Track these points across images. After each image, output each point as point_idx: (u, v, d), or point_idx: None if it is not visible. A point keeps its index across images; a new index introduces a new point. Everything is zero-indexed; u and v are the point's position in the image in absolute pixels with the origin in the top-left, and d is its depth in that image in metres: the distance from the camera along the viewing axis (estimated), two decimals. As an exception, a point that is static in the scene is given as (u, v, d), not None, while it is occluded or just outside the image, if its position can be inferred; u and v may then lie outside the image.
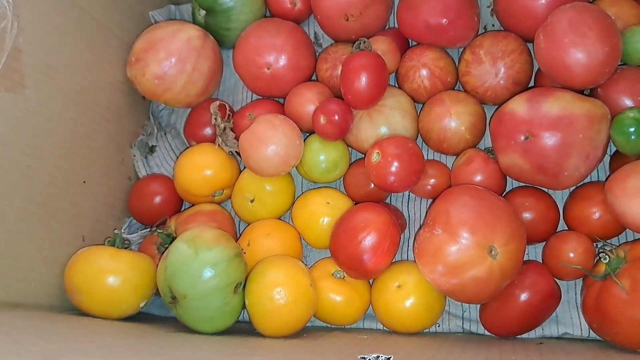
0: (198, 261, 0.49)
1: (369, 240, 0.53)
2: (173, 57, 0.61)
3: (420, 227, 0.54)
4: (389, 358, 0.43)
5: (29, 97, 0.52)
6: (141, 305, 0.54)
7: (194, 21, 0.68)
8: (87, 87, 0.60)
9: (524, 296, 0.51)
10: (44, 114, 0.54)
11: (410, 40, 0.65)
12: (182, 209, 0.66)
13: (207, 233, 0.52)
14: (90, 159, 0.60)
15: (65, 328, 0.48)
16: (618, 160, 0.54)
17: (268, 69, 0.62)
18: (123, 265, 0.53)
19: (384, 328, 0.57)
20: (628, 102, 0.52)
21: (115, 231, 0.57)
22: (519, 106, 0.52)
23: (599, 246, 0.52)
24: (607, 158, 0.57)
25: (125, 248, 0.57)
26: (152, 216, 0.63)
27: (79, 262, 0.53)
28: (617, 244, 0.53)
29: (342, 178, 0.62)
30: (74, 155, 0.57)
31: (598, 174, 0.57)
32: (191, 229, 0.53)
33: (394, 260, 0.57)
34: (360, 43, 0.57)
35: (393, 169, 0.54)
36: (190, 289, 0.49)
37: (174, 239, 0.58)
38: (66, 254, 0.55)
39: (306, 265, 0.57)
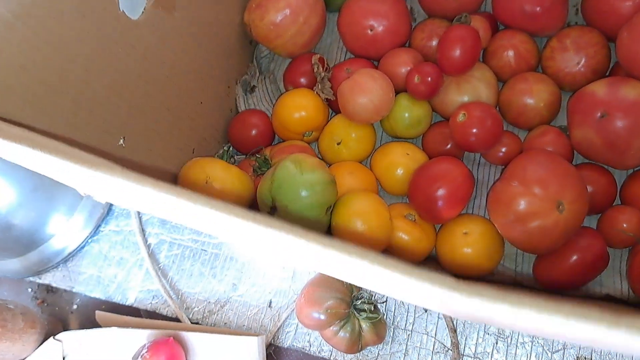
0: (303, 179, 0.57)
1: (446, 188, 0.60)
2: (289, 9, 0.69)
3: (494, 182, 0.61)
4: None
5: (175, 18, 0.60)
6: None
7: (307, -19, 0.76)
8: (213, 23, 0.68)
9: (577, 255, 0.58)
10: (182, 36, 0.62)
11: (498, 26, 0.72)
12: (274, 143, 0.74)
13: (310, 158, 0.60)
14: (206, 84, 0.68)
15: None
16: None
17: (371, 30, 0.70)
18: (231, 177, 0.61)
19: (444, 269, 0.64)
20: (696, 100, 0.58)
21: (225, 147, 0.65)
22: (600, 88, 0.58)
23: (650, 222, 0.58)
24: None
25: (231, 164, 0.65)
26: (248, 145, 0.71)
27: (192, 168, 0.61)
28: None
29: (421, 136, 0.70)
30: (197, 78, 0.66)
31: (657, 162, 0.63)
32: (297, 154, 0.61)
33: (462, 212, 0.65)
34: (461, 17, 0.65)
35: (475, 130, 0.62)
36: (292, 202, 0.57)
37: (269, 163, 0.65)
38: (179, 161, 0.63)
39: (382, 205, 0.64)
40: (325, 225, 0.60)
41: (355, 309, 0.62)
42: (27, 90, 0.44)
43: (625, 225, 0.58)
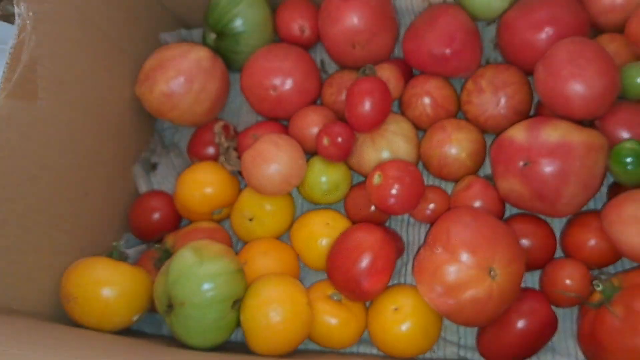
0: (202, 270, 0.49)
1: (363, 260, 0.53)
2: (182, 76, 0.63)
3: (420, 247, 0.54)
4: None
5: (40, 108, 0.53)
6: (134, 318, 0.54)
7: (205, 44, 0.70)
8: (97, 102, 0.61)
9: (521, 323, 0.51)
10: (53, 125, 0.55)
11: (414, 70, 0.66)
12: (181, 226, 0.66)
13: (213, 245, 0.52)
14: (94, 172, 0.60)
15: (55, 338, 0.47)
16: (616, 190, 0.55)
17: (274, 91, 0.64)
18: (119, 277, 0.53)
19: (379, 352, 0.57)
20: (625, 134, 0.53)
21: (114, 243, 0.57)
22: (518, 133, 0.53)
23: (594, 274, 0.52)
24: (605, 189, 0.57)
25: (123, 261, 0.57)
26: (150, 232, 0.63)
27: (75, 272, 0.53)
28: (614, 272, 0.53)
29: (342, 200, 0.63)
30: (79, 167, 0.58)
31: (595, 203, 0.58)
32: (198, 240, 0.53)
33: (391, 284, 0.58)
34: (365, 69, 0.59)
35: (394, 191, 0.55)
36: (190, 297, 0.49)
37: (171, 254, 0.58)
38: (64, 264, 0.55)
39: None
40: (231, 324, 0.52)
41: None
42: None
43: (568, 281, 0.52)
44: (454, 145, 0.58)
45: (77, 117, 0.58)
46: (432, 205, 0.59)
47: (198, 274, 0.50)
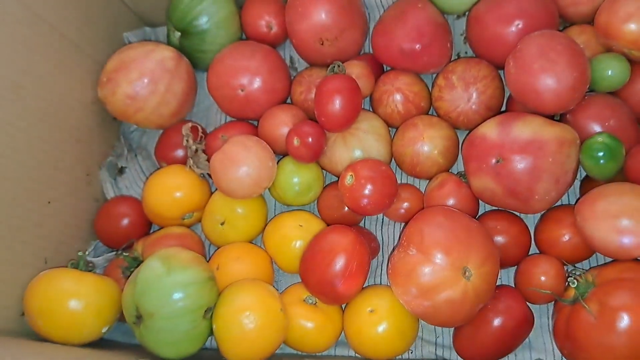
0: (171, 280, 0.48)
1: (336, 263, 0.52)
2: (145, 78, 0.61)
3: (394, 249, 0.54)
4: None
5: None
6: (104, 330, 0.52)
7: (169, 43, 0.67)
8: (56, 107, 0.59)
9: (497, 321, 0.51)
10: (9, 133, 0.52)
11: (385, 67, 0.65)
12: (151, 232, 0.64)
13: (182, 253, 0.51)
14: (56, 179, 0.58)
15: (20, 354, 0.45)
16: (588, 184, 0.55)
17: (242, 90, 0.62)
18: (86, 288, 0.51)
19: (356, 355, 0.56)
20: (597, 128, 0.53)
21: (79, 253, 0.55)
22: (490, 130, 0.52)
23: (568, 270, 0.52)
24: (577, 183, 0.57)
25: (90, 271, 0.55)
26: (118, 239, 0.61)
27: (39, 285, 0.51)
28: (588, 268, 0.53)
29: (315, 201, 0.62)
30: (40, 174, 0.56)
31: (569, 198, 0.57)
32: (166, 249, 0.52)
33: (366, 285, 0.57)
34: (334, 66, 0.58)
35: (366, 191, 0.54)
36: (158, 308, 0.47)
37: (140, 262, 0.56)
38: (27, 276, 0.52)
39: (277, 290, 0.56)
40: (203, 333, 0.51)
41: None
42: None
43: (542, 278, 0.51)
44: (426, 143, 0.57)
45: (35, 122, 0.55)
46: (405, 205, 0.58)
47: (166, 284, 0.48)
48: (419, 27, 0.58)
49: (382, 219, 0.62)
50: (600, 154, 0.50)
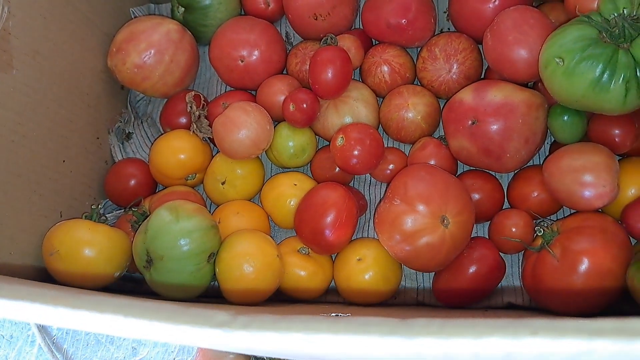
0: (178, 226, 0.53)
1: (328, 215, 0.57)
2: (153, 49, 0.66)
3: (380, 201, 0.59)
4: (347, 315, 0.47)
5: (15, 77, 0.55)
6: (115, 275, 0.57)
7: (173, 17, 0.72)
8: (70, 73, 0.63)
9: (472, 268, 0.56)
10: (28, 94, 0.57)
11: (373, 41, 0.70)
12: (156, 192, 0.69)
13: (188, 204, 0.56)
14: (70, 140, 0.63)
15: (40, 292, 0.50)
16: (555, 148, 0.60)
17: (242, 61, 0.67)
18: (99, 236, 0.56)
19: (345, 301, 0.62)
20: (563, 95, 0.58)
21: (92, 206, 0.60)
22: (467, 95, 0.58)
23: (536, 222, 0.57)
24: (547, 147, 0.63)
25: (102, 223, 0.60)
26: (127, 198, 0.66)
27: (58, 231, 0.56)
28: (554, 220, 0.59)
29: (309, 163, 0.67)
30: (55, 135, 0.61)
31: (539, 159, 0.63)
32: (173, 201, 0.57)
33: (355, 238, 0.62)
34: (327, 38, 0.63)
35: (355, 152, 0.59)
36: (167, 251, 0.53)
37: (147, 217, 0.61)
38: (44, 227, 0.58)
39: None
40: (207, 276, 0.56)
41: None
42: None
43: (513, 229, 0.57)
44: (411, 110, 0.62)
45: (52, 87, 0.60)
46: (391, 166, 0.64)
47: (175, 230, 0.54)
48: (405, 3, 0.63)
49: (370, 179, 0.67)
50: (566, 117, 0.56)
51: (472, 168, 0.63)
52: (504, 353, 0.22)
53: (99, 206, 0.63)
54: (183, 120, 0.69)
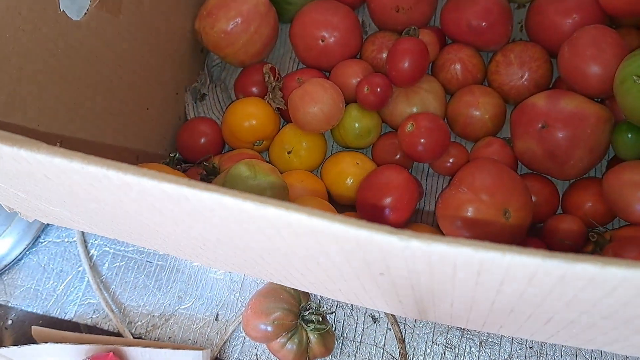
0: (256, 182, 0.56)
1: (390, 195, 0.60)
2: (241, 17, 0.69)
3: (443, 190, 0.62)
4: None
5: (121, 23, 0.59)
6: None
7: (259, -8, 0.75)
8: (163, 28, 0.67)
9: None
10: (129, 40, 0.60)
11: (447, 40, 0.73)
12: (224, 152, 0.73)
13: (263, 164, 0.59)
14: (154, 91, 0.66)
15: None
16: (615, 163, 0.63)
17: (322, 41, 0.70)
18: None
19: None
20: (630, 114, 0.61)
21: (171, 154, 0.64)
22: (540, 100, 0.60)
23: (590, 230, 0.60)
24: (603, 163, 0.65)
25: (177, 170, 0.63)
26: (197, 153, 0.69)
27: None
28: (607, 229, 0.61)
29: (371, 146, 0.70)
30: (144, 83, 0.64)
31: (596, 173, 0.66)
32: (250, 159, 0.60)
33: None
34: (410, 30, 0.66)
35: (423, 139, 0.62)
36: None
37: (217, 171, 0.64)
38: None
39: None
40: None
41: (303, 320, 0.60)
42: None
43: (566, 234, 0.60)
44: (480, 108, 0.65)
45: (147, 38, 0.64)
46: (452, 160, 0.67)
47: (252, 185, 0.56)
48: (488, 7, 0.66)
49: (428, 170, 0.70)
50: (630, 135, 0.59)
51: (531, 172, 0.65)
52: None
53: (176, 154, 0.66)
54: (255, 89, 0.72)
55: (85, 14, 0.53)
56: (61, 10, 0.50)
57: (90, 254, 0.75)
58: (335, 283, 0.37)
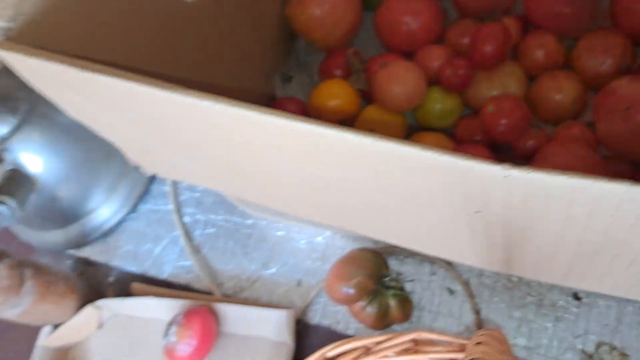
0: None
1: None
2: (329, 3, 0.74)
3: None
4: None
5: (224, 5, 0.65)
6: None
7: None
8: (259, 14, 0.73)
9: None
10: (230, 22, 0.66)
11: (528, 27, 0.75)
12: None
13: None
14: (247, 72, 0.73)
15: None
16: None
17: (406, 26, 0.74)
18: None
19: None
20: None
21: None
22: (623, 83, 0.61)
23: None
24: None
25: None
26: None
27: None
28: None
29: (451, 128, 0.73)
30: (237, 65, 0.70)
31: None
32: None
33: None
34: (494, 14, 0.69)
35: (504, 119, 0.65)
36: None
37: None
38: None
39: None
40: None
41: (383, 286, 0.64)
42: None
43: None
44: (564, 92, 0.67)
45: (244, 20, 0.69)
46: (532, 142, 0.68)
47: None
48: (573, -7, 0.68)
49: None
50: None
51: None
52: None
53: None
54: (339, 72, 0.77)
55: (198, -4, 0.59)
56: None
57: (184, 221, 0.82)
58: (430, 231, 0.40)
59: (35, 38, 0.41)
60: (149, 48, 0.53)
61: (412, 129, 0.76)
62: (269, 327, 0.69)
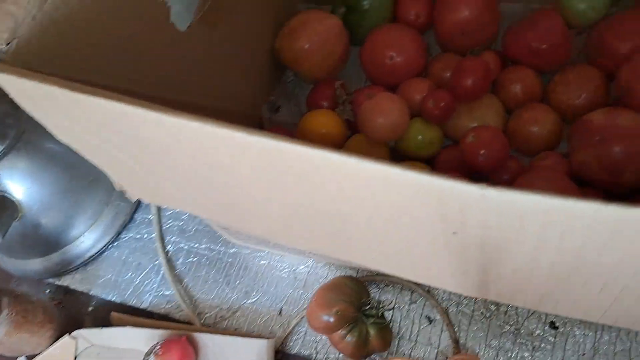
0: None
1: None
2: (318, 37, 0.76)
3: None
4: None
5: (215, 34, 0.67)
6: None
7: (333, 16, 0.83)
8: (249, 45, 0.75)
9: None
10: (221, 50, 0.68)
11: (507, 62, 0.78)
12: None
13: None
14: (235, 100, 0.74)
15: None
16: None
17: (391, 60, 0.76)
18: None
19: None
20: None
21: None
22: (598, 116, 0.64)
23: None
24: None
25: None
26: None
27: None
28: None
29: (432, 158, 0.75)
30: (227, 93, 0.72)
31: (653, 189, 0.68)
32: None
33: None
34: (474, 50, 0.71)
35: (484, 150, 0.66)
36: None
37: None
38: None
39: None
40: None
41: (363, 314, 0.64)
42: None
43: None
44: (540, 124, 0.69)
45: (236, 51, 0.71)
46: (509, 174, 0.70)
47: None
48: (549, 30, 0.71)
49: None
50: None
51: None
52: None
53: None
54: (325, 104, 0.79)
55: (189, 26, 0.61)
56: (170, 21, 0.58)
57: (167, 250, 0.82)
58: (409, 252, 0.41)
59: (29, 61, 0.42)
60: (141, 71, 0.54)
61: (395, 158, 0.78)
62: (248, 357, 0.68)
